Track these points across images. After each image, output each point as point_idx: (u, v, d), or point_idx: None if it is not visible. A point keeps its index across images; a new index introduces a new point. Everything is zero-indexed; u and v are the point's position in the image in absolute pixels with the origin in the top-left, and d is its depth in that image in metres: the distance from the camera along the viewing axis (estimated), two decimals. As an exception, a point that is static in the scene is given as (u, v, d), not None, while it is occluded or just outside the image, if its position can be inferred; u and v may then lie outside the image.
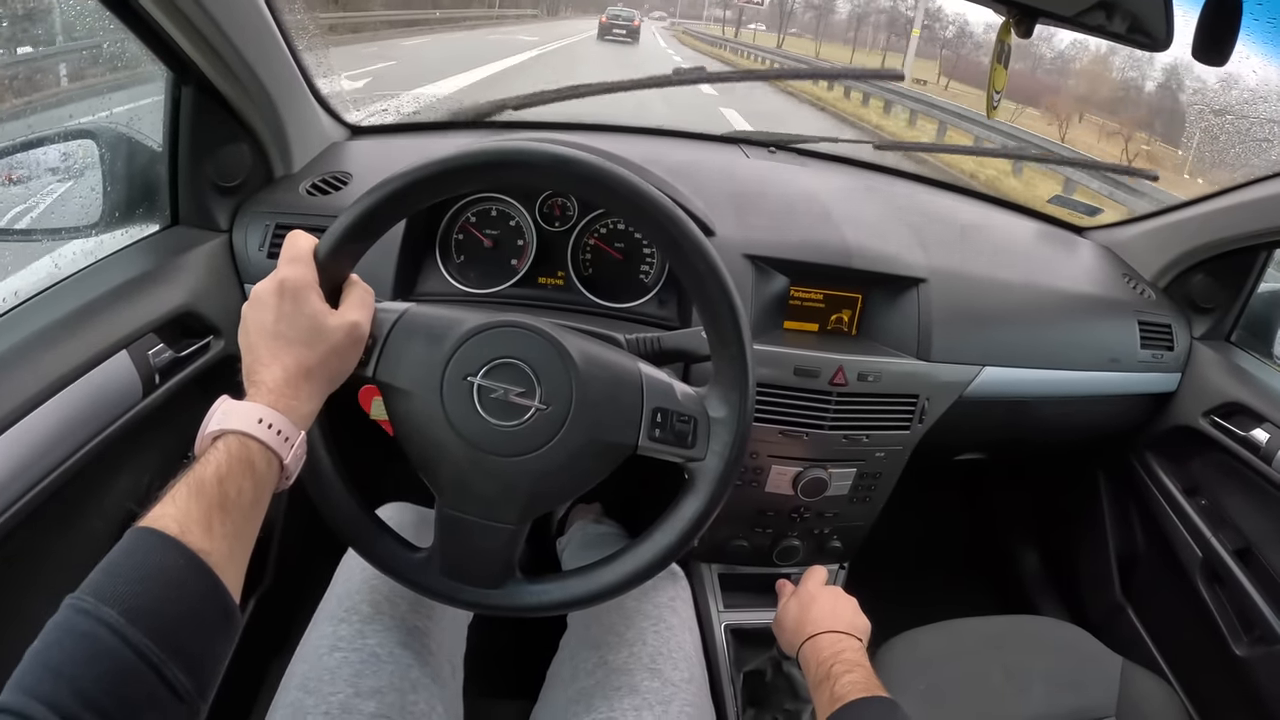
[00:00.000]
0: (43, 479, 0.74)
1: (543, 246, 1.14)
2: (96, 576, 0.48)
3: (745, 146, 1.52)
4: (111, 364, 0.85)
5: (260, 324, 0.64)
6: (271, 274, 0.66)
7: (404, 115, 1.47)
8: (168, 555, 0.49)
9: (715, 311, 0.71)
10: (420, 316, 0.73)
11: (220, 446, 0.57)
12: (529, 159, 0.68)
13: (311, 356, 0.64)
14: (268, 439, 0.59)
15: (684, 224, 0.68)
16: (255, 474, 0.58)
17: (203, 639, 0.50)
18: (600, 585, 0.75)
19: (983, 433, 1.30)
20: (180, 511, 0.51)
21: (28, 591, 0.81)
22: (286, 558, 1.28)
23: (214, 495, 0.53)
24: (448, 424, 0.69)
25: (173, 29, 0.88)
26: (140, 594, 0.47)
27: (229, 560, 0.53)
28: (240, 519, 0.55)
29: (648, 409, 0.72)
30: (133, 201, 1.09)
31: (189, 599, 0.49)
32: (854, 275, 1.13)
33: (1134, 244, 1.47)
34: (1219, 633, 1.23)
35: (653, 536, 0.75)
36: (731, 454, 0.72)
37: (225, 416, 0.59)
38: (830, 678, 0.82)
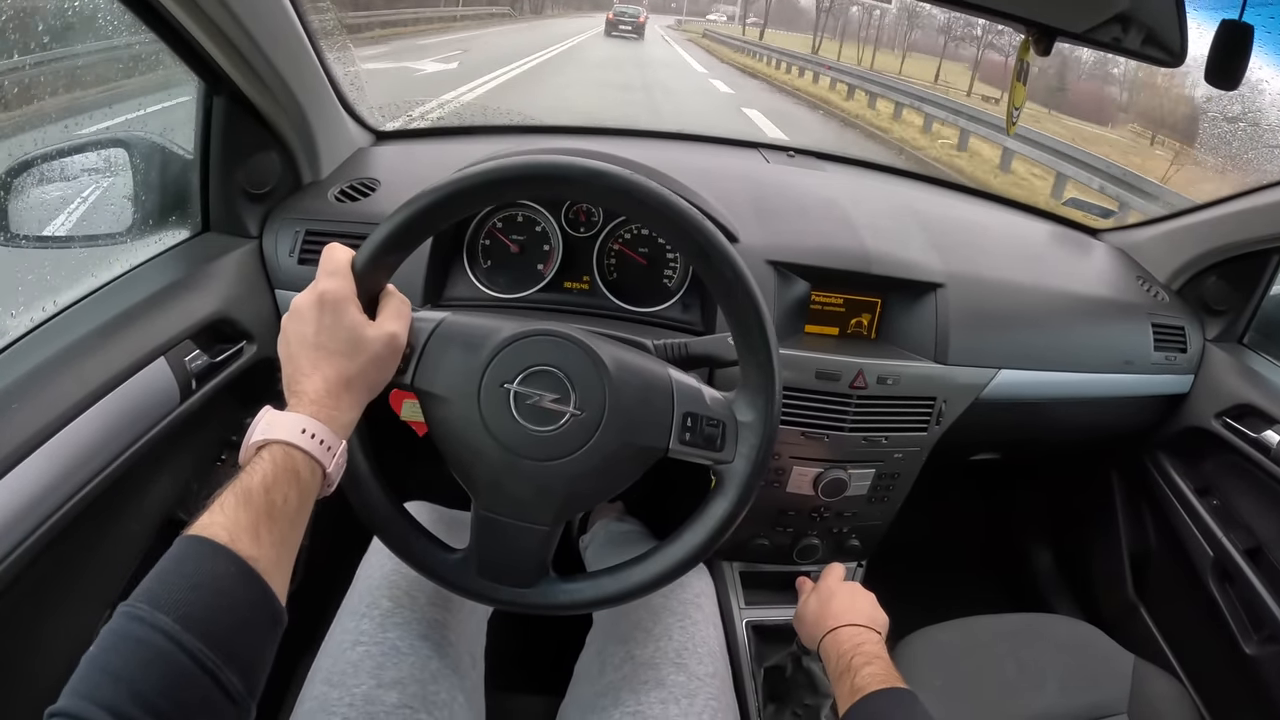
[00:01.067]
0: (87, 484, 0.76)
1: (568, 252, 1.16)
2: (150, 584, 0.49)
3: (765, 150, 1.54)
4: (150, 370, 0.87)
5: (300, 336, 0.66)
6: (310, 286, 0.68)
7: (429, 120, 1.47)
8: (219, 563, 0.51)
9: (743, 319, 0.73)
10: (457, 325, 0.75)
11: (265, 456, 0.58)
12: (562, 173, 0.69)
13: (351, 367, 0.66)
14: (311, 448, 0.60)
15: (712, 234, 0.70)
16: (300, 482, 0.59)
17: (254, 644, 0.52)
18: (632, 584, 0.77)
19: (998, 434, 1.32)
20: (229, 520, 0.53)
21: (72, 594, 0.83)
22: (315, 556, 1.30)
23: (261, 504, 0.55)
24: (485, 429, 0.71)
25: (206, 41, 0.90)
26: (194, 601, 0.48)
27: (276, 566, 0.54)
28: (286, 526, 0.57)
29: (678, 413, 0.74)
30: (165, 209, 1.11)
31: (240, 606, 0.51)
32: (873, 280, 1.14)
33: (1148, 246, 1.48)
34: (1229, 631, 1.24)
35: (682, 537, 0.77)
36: (759, 456, 0.74)
37: (269, 427, 0.60)
38: (851, 670, 0.84)
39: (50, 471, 0.71)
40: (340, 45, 1.15)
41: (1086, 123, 16.15)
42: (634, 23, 25.27)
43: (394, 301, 0.72)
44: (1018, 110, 0.86)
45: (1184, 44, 0.86)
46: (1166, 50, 0.88)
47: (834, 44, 29.14)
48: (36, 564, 0.70)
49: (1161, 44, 0.88)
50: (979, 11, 0.84)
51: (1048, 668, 1.08)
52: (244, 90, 1.01)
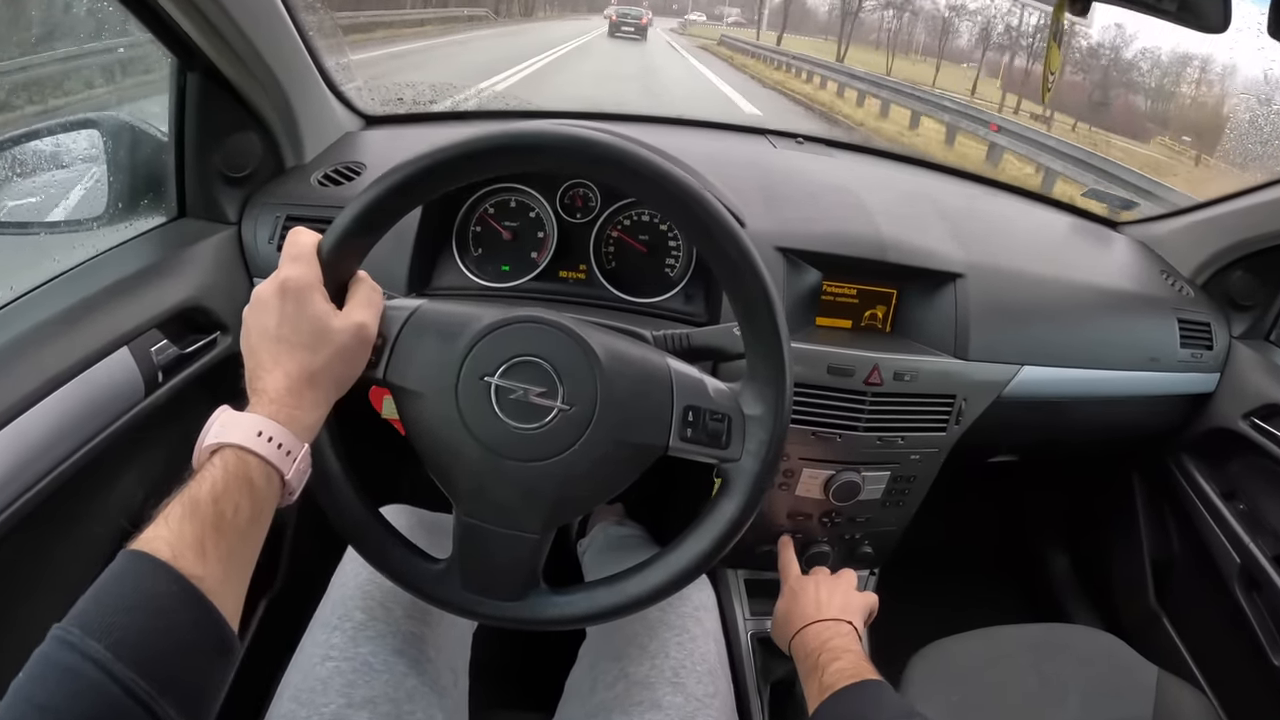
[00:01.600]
0: (39, 481, 0.72)
1: (564, 239, 1.11)
2: (84, 605, 0.46)
3: (771, 136, 1.49)
4: (111, 361, 0.82)
5: (262, 328, 0.61)
6: (273, 274, 0.63)
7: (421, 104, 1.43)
8: (159, 582, 0.47)
9: (750, 303, 0.67)
10: (432, 313, 0.69)
11: (217, 462, 0.54)
12: (544, 141, 0.64)
13: (315, 361, 0.61)
14: (267, 453, 0.55)
15: (715, 208, 0.64)
16: (254, 491, 0.54)
17: (197, 671, 0.48)
18: (630, 596, 0.71)
19: (1019, 434, 1.26)
20: (173, 534, 0.49)
21: (25, 597, 0.78)
22: (297, 560, 1.26)
23: (209, 515, 0.50)
24: (464, 427, 0.66)
25: (177, 13, 0.85)
26: (128, 625, 0.44)
27: (224, 584, 0.50)
28: (237, 540, 0.52)
29: (678, 407, 0.68)
30: (137, 192, 1.06)
31: (180, 629, 0.47)
32: (889, 269, 1.09)
33: (1170, 239, 1.43)
34: (1257, 642, 1.19)
35: (685, 543, 0.71)
36: (769, 454, 0.68)
37: (223, 429, 0.56)
38: (818, 668, 0.81)
39: (3, 465, 0.67)
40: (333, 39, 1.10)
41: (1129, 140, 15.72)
42: (636, 24, 25.58)
43: (363, 289, 0.67)
44: (1053, 75, 0.81)
45: (1228, 10, 0.80)
46: (1206, 16, 0.83)
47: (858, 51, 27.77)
48: None
49: (1200, 11, 0.83)
50: None
51: (1069, 681, 1.03)
52: (218, 64, 0.95)
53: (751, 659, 1.15)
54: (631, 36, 24.87)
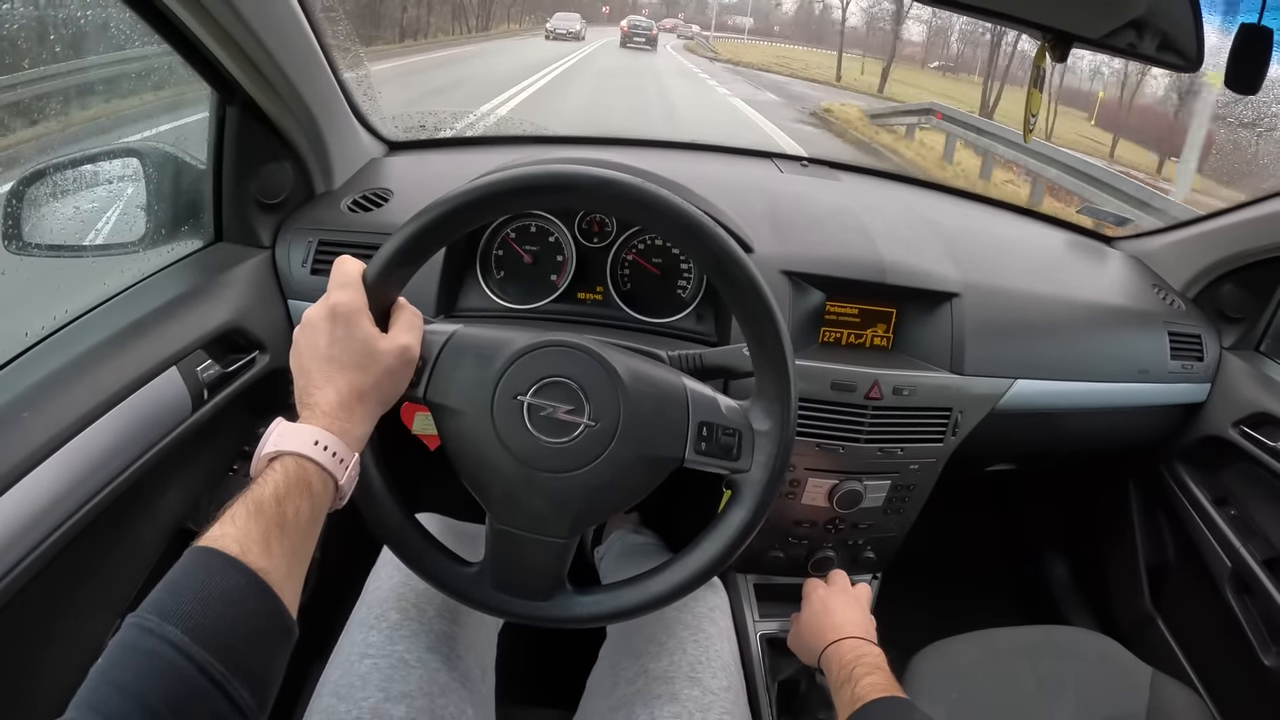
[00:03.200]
0: (98, 493, 0.76)
1: (582, 262, 1.15)
2: (159, 595, 0.49)
3: (778, 160, 1.53)
4: (162, 380, 0.87)
5: (313, 348, 0.66)
6: (322, 299, 0.68)
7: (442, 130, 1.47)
8: (229, 575, 0.51)
9: (758, 327, 0.72)
10: (469, 337, 0.74)
11: (278, 467, 0.58)
12: (572, 182, 0.69)
13: (364, 380, 0.66)
14: (323, 460, 0.60)
15: (725, 242, 0.69)
16: (312, 494, 0.59)
17: (264, 656, 0.51)
18: (650, 595, 0.76)
19: (1014, 444, 1.30)
20: (240, 531, 0.53)
21: (83, 603, 0.83)
22: (327, 565, 1.30)
23: (272, 515, 0.55)
24: (499, 442, 0.71)
25: (219, 51, 0.90)
26: (203, 613, 0.48)
27: (287, 579, 0.54)
28: (298, 538, 0.57)
29: (693, 423, 0.73)
30: (178, 218, 1.11)
31: (251, 617, 0.51)
32: (889, 290, 1.13)
33: (1163, 254, 1.47)
34: (1248, 643, 1.22)
35: (700, 546, 0.76)
36: (776, 464, 0.74)
37: (282, 438, 0.60)
38: (852, 680, 0.85)
39: (61, 480, 0.71)
40: (352, 57, 1.15)
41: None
42: (648, 34, 25.89)
43: (406, 314, 0.72)
44: (1034, 117, 0.85)
45: (1200, 49, 0.85)
46: (1182, 55, 0.87)
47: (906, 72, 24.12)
48: (47, 572, 0.70)
49: (1178, 49, 0.87)
50: (994, 18, 0.83)
51: (1065, 681, 1.06)
52: (256, 99, 1.01)
53: (762, 658, 1.19)
54: (643, 47, 25.21)
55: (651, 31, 26.12)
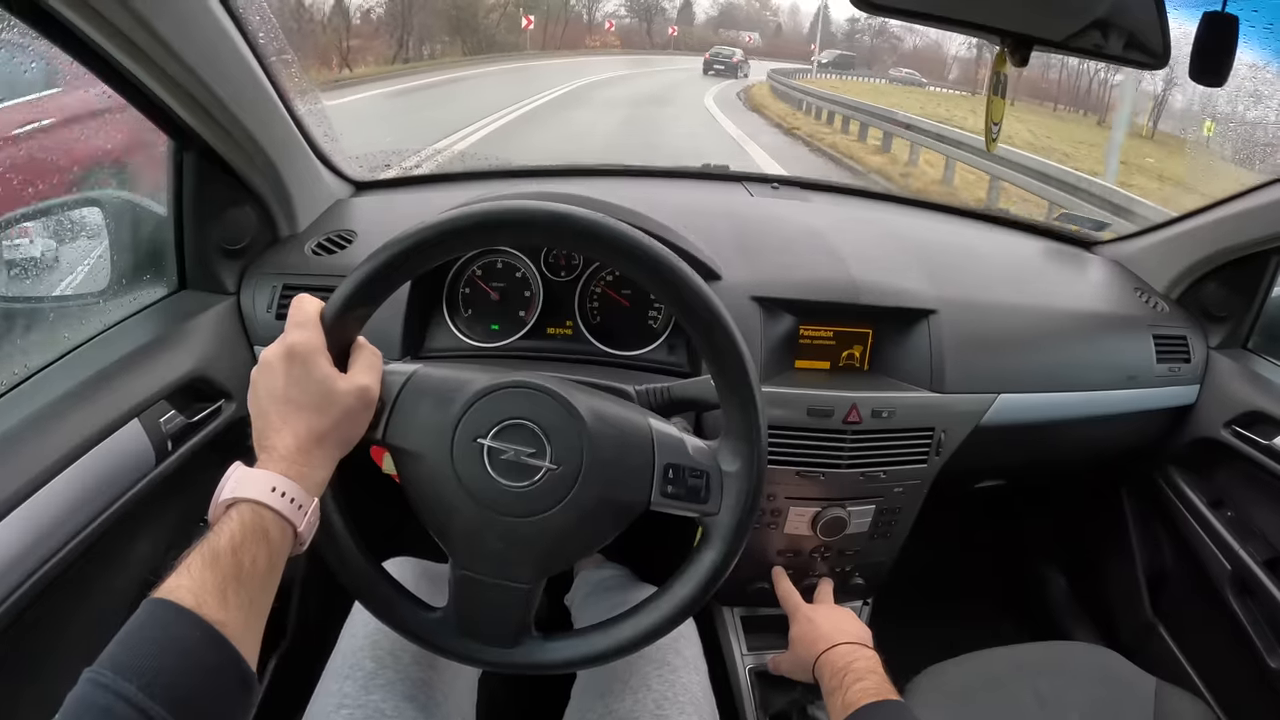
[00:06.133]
0: (60, 549, 0.75)
1: (550, 297, 1.14)
2: (114, 650, 0.48)
3: (749, 184, 1.52)
4: (123, 433, 0.85)
5: (270, 390, 0.64)
6: (279, 339, 0.66)
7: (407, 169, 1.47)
8: (184, 627, 0.50)
9: (722, 361, 0.70)
10: (428, 379, 0.73)
11: (234, 516, 0.57)
12: (527, 218, 0.67)
13: (323, 422, 0.64)
14: (281, 507, 0.59)
15: (685, 274, 0.67)
16: (269, 542, 0.58)
17: (222, 708, 0.51)
18: (619, 641, 0.74)
19: (1002, 460, 1.29)
20: (195, 583, 0.52)
21: (49, 660, 0.81)
22: (306, 616, 1.28)
23: (229, 565, 0.54)
24: (459, 485, 0.69)
25: (171, 100, 0.89)
26: (159, 668, 0.47)
27: (245, 630, 0.53)
28: (255, 588, 0.55)
29: (659, 465, 0.71)
30: (140, 267, 1.10)
31: (207, 670, 0.50)
32: (863, 311, 1.12)
33: (1144, 256, 1.46)
34: (1253, 647, 1.20)
35: (671, 589, 0.74)
36: (746, 506, 0.72)
37: (238, 485, 0.59)
38: (843, 687, 0.85)
39: (23, 537, 0.71)
40: (310, 99, 1.14)
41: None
42: (729, 63, 25.45)
43: (365, 354, 0.70)
44: (996, 125, 0.84)
45: (1166, 44, 0.83)
46: (1149, 53, 0.86)
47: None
48: (12, 630, 0.70)
49: (1144, 46, 0.86)
50: (951, 25, 0.81)
51: (1067, 699, 1.04)
52: (214, 146, 0.99)
53: (751, 692, 1.16)
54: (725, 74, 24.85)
55: (733, 59, 25.52)
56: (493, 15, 30.50)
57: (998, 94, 0.82)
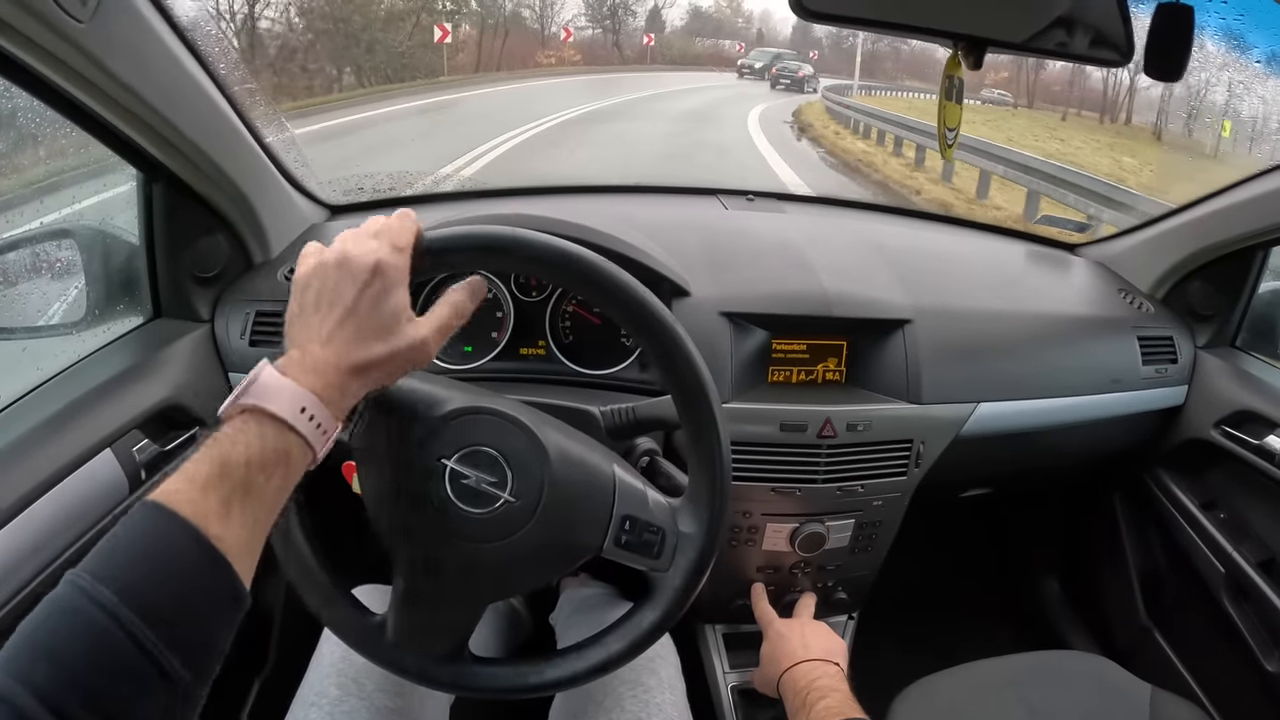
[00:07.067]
0: (31, 580, 0.75)
1: (521, 317, 1.13)
2: (99, 554, 0.46)
3: (723, 196, 1.51)
4: (96, 463, 0.85)
5: (335, 294, 0.57)
6: (364, 245, 0.59)
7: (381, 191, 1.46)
8: (176, 538, 0.46)
9: (687, 394, 0.69)
10: (403, 391, 0.71)
11: (253, 427, 0.52)
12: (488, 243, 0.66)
13: (375, 354, 0.58)
14: (307, 432, 0.53)
15: (643, 297, 0.66)
16: (289, 465, 0.53)
17: (207, 627, 0.47)
18: (545, 679, 0.73)
19: (985, 469, 1.27)
20: (198, 491, 0.48)
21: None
22: (287, 641, 1.27)
23: (239, 480, 0.50)
24: (416, 501, 0.69)
25: (134, 134, 0.89)
26: (142, 579, 0.45)
27: (245, 549, 0.49)
28: (262, 508, 0.51)
29: (617, 514, 0.70)
30: (114, 296, 1.10)
31: (195, 585, 0.47)
32: (836, 323, 1.11)
33: (1127, 257, 1.44)
34: (1249, 649, 1.19)
35: (604, 640, 0.73)
36: (695, 572, 0.71)
37: (266, 393, 0.53)
38: (805, 706, 0.85)
39: None
40: (278, 126, 1.14)
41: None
42: (794, 77, 24.43)
43: (446, 310, 0.64)
44: (952, 131, 0.82)
45: (1130, 39, 0.82)
46: (1115, 49, 0.84)
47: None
48: None
49: (1109, 43, 0.85)
50: (899, 30, 0.80)
51: (1059, 709, 1.02)
52: (180, 175, 1.00)
53: (733, 710, 1.15)
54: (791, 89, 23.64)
55: (798, 74, 24.42)
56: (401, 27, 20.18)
57: (952, 99, 0.81)
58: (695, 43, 34.73)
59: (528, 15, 28.18)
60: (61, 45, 0.71)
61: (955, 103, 0.81)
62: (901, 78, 27.15)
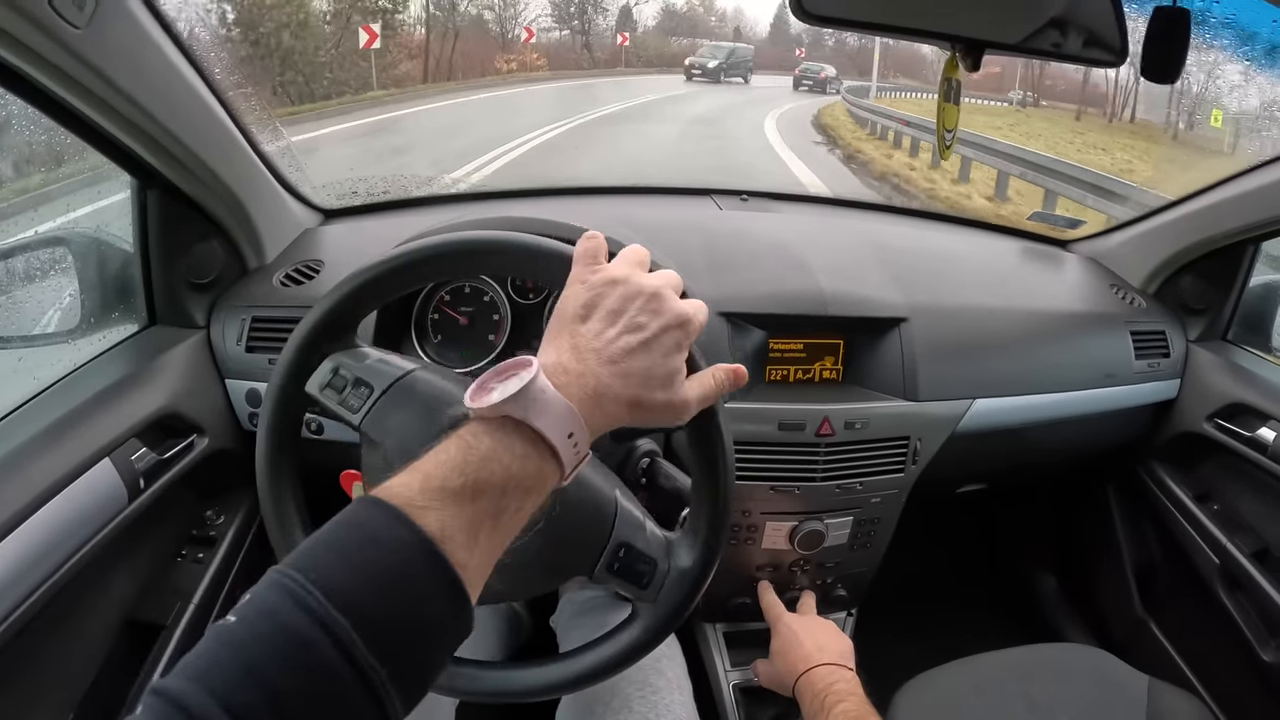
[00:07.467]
0: (33, 591, 0.75)
1: (518, 320, 1.13)
2: (335, 573, 0.39)
3: (718, 197, 1.52)
4: (94, 472, 0.85)
5: (637, 319, 0.53)
6: (683, 293, 0.57)
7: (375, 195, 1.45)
8: (424, 566, 0.41)
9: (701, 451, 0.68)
10: (423, 383, 0.71)
11: (515, 446, 0.47)
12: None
13: (651, 398, 0.53)
14: (567, 460, 0.49)
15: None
16: (539, 495, 0.48)
17: (436, 663, 0.43)
18: (516, 686, 0.73)
19: (981, 465, 1.28)
20: (445, 511, 0.43)
21: (29, 704, 0.82)
22: None
23: (491, 505, 0.45)
24: None
25: (129, 140, 0.89)
26: (382, 606, 0.39)
27: (478, 582, 0.45)
28: (505, 540, 0.47)
29: (613, 541, 0.70)
30: (109, 304, 1.10)
31: (433, 622, 0.42)
32: (833, 322, 1.11)
33: (1119, 252, 1.45)
34: (1245, 640, 1.19)
35: (581, 655, 0.73)
36: (680, 605, 0.71)
37: (536, 406, 0.47)
38: (825, 709, 0.86)
39: None
40: (271, 130, 1.13)
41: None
42: (816, 78, 24.22)
43: (712, 384, 0.58)
44: (950, 133, 0.83)
45: (1125, 40, 0.83)
46: (1108, 49, 0.85)
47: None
48: None
49: (1103, 43, 0.85)
50: (899, 33, 0.80)
51: (1057, 701, 1.02)
52: (176, 182, 0.99)
53: (735, 709, 1.16)
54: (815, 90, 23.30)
55: (820, 75, 24.23)
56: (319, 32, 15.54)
57: (950, 101, 0.82)
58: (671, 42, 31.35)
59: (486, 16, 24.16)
60: (58, 51, 0.71)
61: (953, 104, 0.82)
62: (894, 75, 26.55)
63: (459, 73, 20.54)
